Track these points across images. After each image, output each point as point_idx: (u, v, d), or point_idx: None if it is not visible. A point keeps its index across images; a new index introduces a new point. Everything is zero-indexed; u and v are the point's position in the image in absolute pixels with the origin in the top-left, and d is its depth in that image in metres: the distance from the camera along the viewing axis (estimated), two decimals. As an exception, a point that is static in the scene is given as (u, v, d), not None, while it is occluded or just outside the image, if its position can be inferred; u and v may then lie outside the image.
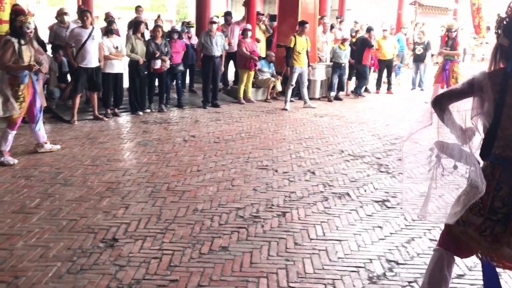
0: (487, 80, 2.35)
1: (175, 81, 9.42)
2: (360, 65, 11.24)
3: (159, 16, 11.46)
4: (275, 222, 4.06)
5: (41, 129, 5.87)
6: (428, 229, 4.01)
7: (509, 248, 2.34)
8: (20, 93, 5.37)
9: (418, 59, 12.64)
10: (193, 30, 11.75)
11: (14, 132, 5.54)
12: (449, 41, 10.21)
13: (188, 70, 10.60)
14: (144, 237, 3.70)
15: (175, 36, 9.26)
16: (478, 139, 2.46)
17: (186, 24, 11.63)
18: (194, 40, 10.79)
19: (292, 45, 9.33)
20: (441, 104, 2.54)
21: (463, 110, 2.50)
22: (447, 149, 2.61)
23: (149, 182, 4.99)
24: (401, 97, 11.64)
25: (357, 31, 12.40)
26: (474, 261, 3.47)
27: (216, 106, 9.34)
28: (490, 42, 14.27)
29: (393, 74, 12.65)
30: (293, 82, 9.55)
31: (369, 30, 11.67)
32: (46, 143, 5.98)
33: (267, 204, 4.46)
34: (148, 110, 8.65)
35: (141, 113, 8.42)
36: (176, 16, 34.85)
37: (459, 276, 3.27)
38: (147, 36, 9.18)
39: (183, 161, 5.73)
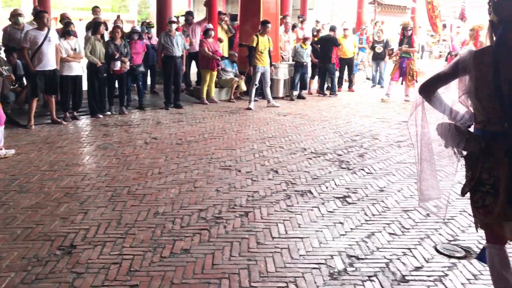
0: (472, 60, 2.40)
1: (136, 82, 9.28)
2: (330, 63, 11.36)
3: (118, 17, 11.25)
4: (238, 222, 4.05)
5: None
6: (388, 223, 4.09)
7: (504, 220, 2.42)
8: None
9: (378, 57, 12.89)
10: (154, 31, 11.61)
11: None
12: (405, 39, 10.49)
13: (149, 71, 10.46)
14: (104, 243, 3.62)
15: (135, 37, 9.13)
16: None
17: (146, 25, 11.47)
18: (155, 41, 10.66)
19: (254, 45, 9.35)
20: (428, 90, 2.61)
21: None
22: (444, 129, 2.61)
23: (109, 186, 4.89)
24: (362, 95, 11.84)
25: (318, 31, 12.53)
26: (431, 253, 3.56)
27: (178, 107, 9.26)
28: (447, 39, 14.66)
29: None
30: (257, 82, 9.56)
31: (333, 29, 11.82)
32: (0, 149, 5.78)
33: (230, 204, 4.45)
34: (109, 113, 8.49)
35: (101, 116, 8.25)
36: (138, 17, 34.34)
37: (417, 268, 3.34)
38: (108, 37, 9.00)
39: (144, 164, 5.64)
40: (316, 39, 11.68)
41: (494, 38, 2.38)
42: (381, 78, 13.09)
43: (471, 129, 2.56)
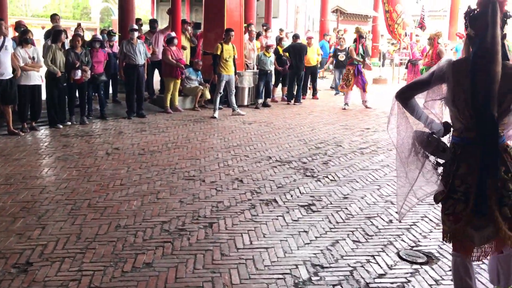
0: (450, 69, 2.54)
1: (97, 91, 9.09)
2: (303, 71, 11.47)
3: (79, 25, 11.03)
4: (202, 234, 3.99)
5: None
6: (352, 231, 4.11)
7: (471, 228, 2.50)
8: None
9: (341, 65, 13.08)
10: (116, 39, 11.41)
11: None
12: (361, 47, 10.73)
13: (111, 80, 10.26)
14: (62, 259, 3.49)
15: (97, 45, 8.95)
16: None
17: (107, 33, 11.26)
18: (117, 49, 10.49)
19: (218, 53, 9.31)
20: (404, 96, 2.67)
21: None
22: (419, 137, 2.62)
23: (69, 199, 4.74)
24: (326, 102, 11.98)
25: (281, 39, 12.62)
26: (394, 259, 3.60)
27: (141, 116, 9.11)
28: (408, 47, 15.05)
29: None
30: (221, 90, 9.53)
31: (296, 37, 11.93)
32: None
33: (194, 215, 4.38)
34: (69, 123, 8.27)
35: (61, 126, 8.03)
36: (100, 25, 33.79)
37: (380, 276, 3.37)
38: (68, 45, 8.79)
39: (105, 176, 5.51)
40: (279, 47, 11.74)
41: (471, 50, 2.52)
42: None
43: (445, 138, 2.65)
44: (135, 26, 9.47)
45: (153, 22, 11.73)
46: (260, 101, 10.93)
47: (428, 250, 3.78)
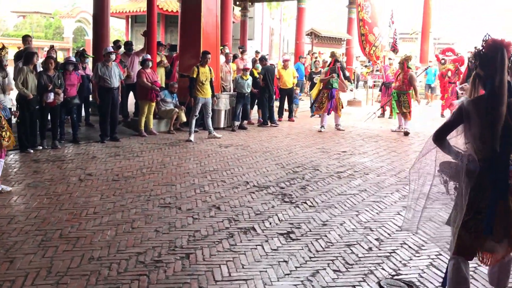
0: (472, 107, 2.90)
1: (70, 114, 8.89)
2: (272, 92, 11.53)
3: (52, 47, 10.83)
4: (178, 266, 3.87)
5: None
6: (332, 260, 4.05)
7: (491, 240, 2.90)
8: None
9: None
10: (89, 61, 11.26)
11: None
12: (336, 69, 10.82)
13: (83, 103, 10.07)
14: (31, 296, 3.32)
15: (70, 67, 8.79)
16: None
17: (80, 54, 11.07)
18: (89, 71, 10.34)
19: (195, 76, 9.25)
20: (440, 138, 3.06)
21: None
22: (449, 167, 3.06)
23: (39, 229, 4.55)
24: (302, 124, 12.01)
25: (255, 61, 12.69)
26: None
27: (115, 140, 8.93)
28: (381, 70, 15.33)
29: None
30: (197, 113, 9.45)
31: (262, 59, 12.04)
32: None
33: (170, 246, 4.25)
34: (40, 147, 8.03)
35: (31, 150, 7.79)
36: (73, 44, 33.43)
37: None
38: (40, 67, 8.61)
39: (78, 203, 5.33)
40: (254, 70, 11.77)
41: (480, 88, 2.93)
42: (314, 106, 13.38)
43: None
44: (110, 49, 9.34)
45: (128, 44, 11.64)
46: (237, 123, 10.89)
47: (409, 278, 3.75)
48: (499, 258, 3.02)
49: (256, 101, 11.78)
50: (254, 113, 12.11)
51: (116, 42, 11.64)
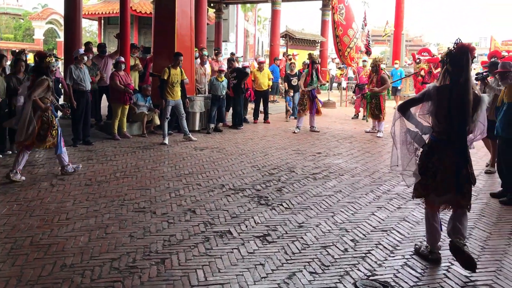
0: (435, 92, 3.89)
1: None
2: (242, 94, 11.52)
3: (23, 51, 10.57)
4: (154, 271, 3.81)
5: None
6: (308, 262, 4.06)
7: (435, 195, 4.00)
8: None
9: (295, 90, 13.26)
10: (60, 63, 11.04)
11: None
12: (315, 72, 10.94)
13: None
14: (0, 306, 3.22)
15: (40, 70, 8.57)
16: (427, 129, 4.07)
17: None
18: (60, 74, 10.13)
19: (165, 77, 9.17)
20: (404, 109, 4.07)
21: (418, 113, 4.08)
22: (411, 132, 4.08)
23: (9, 237, 4.42)
24: (277, 126, 12.04)
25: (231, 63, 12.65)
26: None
27: (88, 144, 8.77)
28: (355, 72, 15.50)
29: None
30: (168, 115, 9.37)
31: (231, 60, 12.07)
32: (68, 165, 6.74)
33: (145, 251, 4.19)
34: (9, 152, 7.81)
35: (0, 155, 7.58)
36: (44, 46, 32.76)
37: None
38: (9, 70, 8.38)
39: (49, 209, 5.20)
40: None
41: (448, 79, 3.89)
42: (295, 108, 13.43)
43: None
44: (83, 51, 9.13)
45: (102, 47, 11.44)
46: (212, 126, 10.84)
47: (384, 279, 3.78)
48: (454, 210, 4.03)
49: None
50: (230, 116, 12.08)
51: (87, 44, 11.45)
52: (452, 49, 3.88)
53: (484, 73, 8.68)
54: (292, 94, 13.49)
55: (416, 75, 15.46)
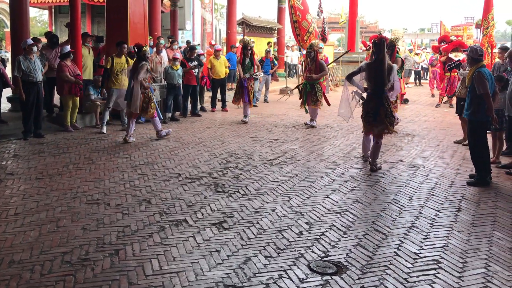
0: (366, 66, 6.62)
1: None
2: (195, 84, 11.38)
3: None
4: (107, 263, 3.75)
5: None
6: (263, 246, 4.10)
7: (375, 128, 6.56)
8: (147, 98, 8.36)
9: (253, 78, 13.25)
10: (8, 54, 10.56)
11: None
12: (249, 59, 10.75)
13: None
14: None
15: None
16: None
17: None
18: (0, 65, 9.72)
19: (108, 67, 9.04)
20: (349, 77, 6.76)
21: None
22: (356, 92, 6.81)
23: (-47, 235, 4.24)
24: (235, 114, 12.01)
25: (188, 51, 12.50)
26: (306, 272, 3.63)
27: (39, 137, 8.47)
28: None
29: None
30: (110, 105, 9.26)
31: (192, 48, 11.92)
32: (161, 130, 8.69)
33: (98, 243, 4.11)
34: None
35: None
36: (-9, 37, 31.35)
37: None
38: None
39: (-3, 205, 5.02)
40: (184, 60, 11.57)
41: (373, 58, 6.56)
42: (254, 96, 13.43)
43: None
44: (31, 41, 8.74)
45: (52, 37, 11.01)
46: (169, 115, 10.70)
47: (337, 259, 3.87)
48: (376, 137, 6.66)
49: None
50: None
51: (48, 34, 11.01)
52: (375, 40, 6.60)
53: (456, 62, 11.05)
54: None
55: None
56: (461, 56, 12.75)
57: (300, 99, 10.72)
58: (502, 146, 7.34)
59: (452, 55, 13.49)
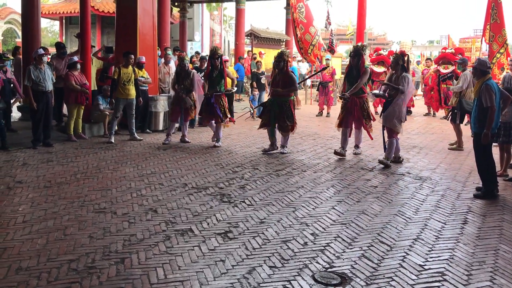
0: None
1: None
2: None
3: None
4: (113, 271, 3.78)
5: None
6: (268, 256, 4.11)
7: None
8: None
9: (261, 88, 13.38)
10: (10, 63, 10.68)
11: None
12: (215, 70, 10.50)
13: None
14: (-49, 312, 3.13)
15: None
16: None
17: None
18: (11, 74, 9.86)
19: (115, 77, 9.17)
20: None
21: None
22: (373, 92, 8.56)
23: (-38, 242, 4.30)
24: (242, 125, 12.06)
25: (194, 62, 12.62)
26: (310, 283, 3.63)
27: (48, 146, 8.57)
28: (319, 68, 15.66)
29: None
30: (118, 114, 9.38)
31: (203, 58, 12.00)
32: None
33: (104, 251, 4.15)
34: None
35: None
36: (3, 47, 31.76)
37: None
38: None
39: (5, 213, 5.07)
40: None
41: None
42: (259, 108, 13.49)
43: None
44: (42, 51, 8.86)
45: (62, 47, 11.17)
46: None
47: (342, 270, 3.87)
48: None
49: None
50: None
51: (58, 44, 11.18)
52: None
53: (449, 74, 12.01)
54: (257, 92, 13.57)
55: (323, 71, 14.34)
56: (450, 68, 12.85)
57: (260, 118, 8.99)
58: (510, 159, 7.30)
59: (440, 68, 13.50)
